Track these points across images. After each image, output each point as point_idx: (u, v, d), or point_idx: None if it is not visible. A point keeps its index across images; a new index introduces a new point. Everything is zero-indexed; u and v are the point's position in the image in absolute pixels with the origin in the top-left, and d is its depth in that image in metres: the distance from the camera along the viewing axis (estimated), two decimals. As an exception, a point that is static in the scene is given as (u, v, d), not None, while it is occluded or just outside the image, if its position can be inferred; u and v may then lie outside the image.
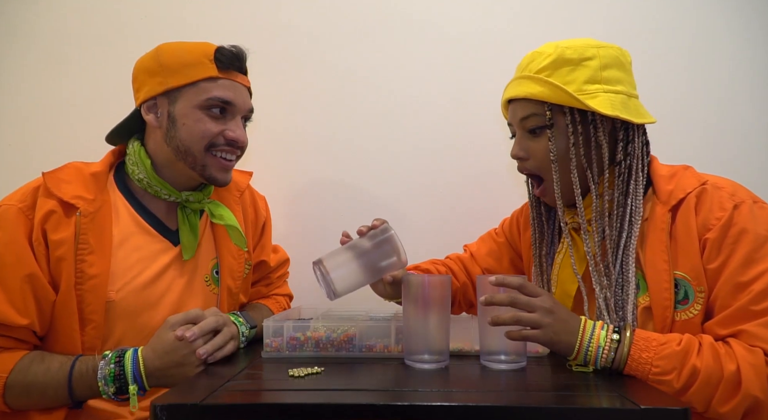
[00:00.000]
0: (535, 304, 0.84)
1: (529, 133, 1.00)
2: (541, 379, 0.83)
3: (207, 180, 1.07)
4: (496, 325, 0.84)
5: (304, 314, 1.22)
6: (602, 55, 0.96)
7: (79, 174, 1.01)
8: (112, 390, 0.90)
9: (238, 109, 1.06)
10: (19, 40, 1.57)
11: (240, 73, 1.08)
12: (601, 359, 0.83)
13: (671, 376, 0.80)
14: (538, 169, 1.01)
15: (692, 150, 1.45)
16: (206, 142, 1.03)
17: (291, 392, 0.76)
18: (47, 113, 1.55)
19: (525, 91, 0.98)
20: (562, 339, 0.83)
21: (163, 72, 1.02)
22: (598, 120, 0.96)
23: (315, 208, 1.54)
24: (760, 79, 1.49)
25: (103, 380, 0.90)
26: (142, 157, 1.05)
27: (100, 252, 0.98)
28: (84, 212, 0.97)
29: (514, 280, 0.85)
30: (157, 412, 0.67)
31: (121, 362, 0.91)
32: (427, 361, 0.88)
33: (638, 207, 0.94)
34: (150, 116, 1.05)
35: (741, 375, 0.79)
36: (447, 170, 1.53)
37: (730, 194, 0.90)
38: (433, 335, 0.89)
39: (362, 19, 1.54)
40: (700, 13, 1.50)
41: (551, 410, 0.68)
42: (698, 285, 0.88)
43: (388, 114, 1.54)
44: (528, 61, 1.00)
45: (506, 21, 1.52)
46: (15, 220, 0.94)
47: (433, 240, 1.51)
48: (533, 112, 0.98)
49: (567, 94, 0.93)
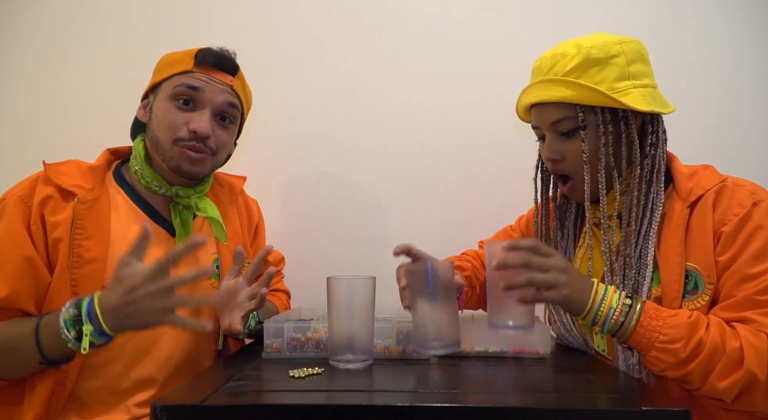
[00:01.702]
0: (549, 264, 0.84)
1: (562, 135, 1.00)
2: (542, 380, 0.83)
3: (176, 172, 1.06)
4: (509, 289, 0.83)
5: (305, 315, 1.22)
6: (626, 50, 0.96)
7: (78, 168, 1.04)
8: (72, 334, 0.84)
9: (207, 101, 1.05)
10: (19, 40, 1.57)
11: (220, 71, 1.07)
12: (611, 321, 0.83)
13: (678, 345, 0.81)
14: (573, 169, 1.01)
15: (692, 150, 1.44)
16: (171, 134, 1.03)
17: (291, 393, 0.76)
18: (47, 113, 1.55)
19: (555, 95, 0.96)
20: (576, 297, 0.84)
21: (155, 72, 1.10)
22: (630, 116, 0.96)
23: (316, 209, 1.54)
24: (760, 79, 1.49)
25: (63, 325, 0.84)
26: (139, 150, 1.09)
27: (97, 238, 0.98)
28: (82, 199, 0.98)
29: (526, 243, 0.85)
30: (158, 413, 0.67)
31: (79, 305, 0.85)
32: (439, 347, 0.87)
33: (660, 198, 0.96)
34: (140, 113, 1.11)
35: (743, 352, 0.80)
36: (447, 170, 1.53)
37: (750, 192, 0.91)
38: (443, 319, 0.89)
39: (362, 19, 1.54)
40: (700, 13, 1.50)
41: (552, 411, 0.68)
42: (708, 276, 0.90)
43: (389, 114, 1.54)
44: (551, 63, 0.98)
45: (507, 21, 1.52)
46: (14, 208, 0.96)
47: (433, 240, 1.50)
48: (565, 115, 0.97)
49: (601, 95, 0.93)
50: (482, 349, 0.97)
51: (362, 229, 1.53)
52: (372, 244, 1.52)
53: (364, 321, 0.91)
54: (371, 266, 1.49)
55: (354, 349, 0.90)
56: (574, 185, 1.02)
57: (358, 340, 0.90)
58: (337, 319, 0.91)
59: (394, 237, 1.52)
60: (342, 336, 0.91)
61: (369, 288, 0.92)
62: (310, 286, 1.47)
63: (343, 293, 0.91)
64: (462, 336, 0.98)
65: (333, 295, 0.91)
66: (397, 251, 0.97)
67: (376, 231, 1.53)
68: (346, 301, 0.91)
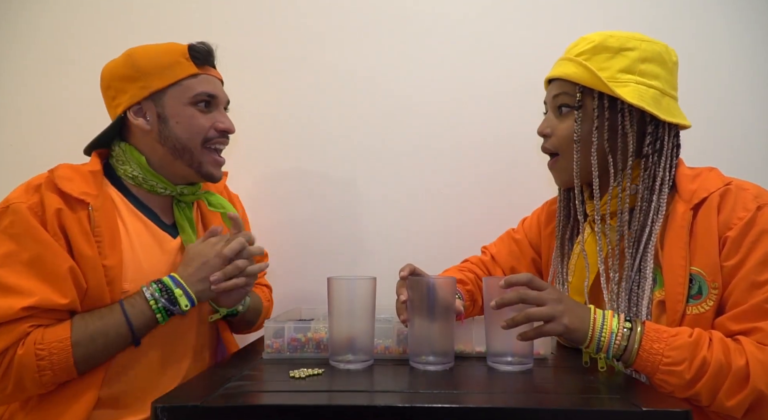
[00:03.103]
0: (544, 297, 0.84)
1: (557, 110, 1.03)
2: (543, 381, 0.83)
3: (203, 177, 1.10)
4: (511, 327, 0.84)
5: (305, 315, 1.22)
6: (644, 48, 0.98)
7: (78, 172, 1.02)
8: (162, 302, 0.97)
9: (221, 101, 1.12)
10: (19, 40, 1.57)
11: (213, 68, 1.13)
12: (614, 346, 0.83)
13: (682, 367, 0.81)
14: (557, 147, 1.03)
15: (693, 150, 1.45)
16: (201, 136, 1.07)
17: (291, 393, 0.76)
18: (47, 113, 1.55)
19: (561, 72, 1.01)
20: (576, 326, 0.83)
21: (142, 77, 1.05)
22: (626, 109, 0.97)
23: (315, 209, 1.54)
24: (760, 79, 1.49)
25: (152, 298, 0.97)
26: (135, 155, 1.07)
27: (111, 244, 0.99)
28: (94, 207, 0.99)
29: (521, 278, 0.86)
30: (158, 413, 0.67)
31: (160, 281, 0.99)
32: (432, 363, 0.88)
33: (662, 204, 0.96)
34: (139, 121, 1.06)
35: (749, 369, 0.80)
36: (448, 171, 1.52)
37: (754, 196, 0.91)
38: (439, 337, 0.89)
39: (362, 19, 1.54)
40: (700, 13, 1.50)
41: (552, 411, 0.68)
42: (713, 281, 0.89)
43: (389, 114, 1.53)
44: (573, 45, 1.03)
45: (507, 22, 1.52)
46: (28, 216, 0.94)
47: (434, 241, 1.51)
48: (565, 91, 1.01)
49: (597, 79, 0.95)
50: (482, 350, 0.96)
51: (363, 230, 1.53)
52: (373, 244, 1.52)
53: (365, 321, 0.91)
54: (371, 267, 1.49)
55: (354, 349, 0.90)
56: (558, 161, 1.04)
57: (358, 340, 0.90)
58: (337, 319, 0.91)
59: (395, 238, 1.52)
60: (342, 336, 0.91)
61: (369, 288, 0.92)
62: (311, 287, 1.47)
63: (343, 293, 0.91)
64: (462, 337, 0.98)
65: (333, 295, 0.91)
66: (403, 275, 0.97)
67: (377, 232, 1.52)
68: (346, 302, 0.91)
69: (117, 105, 1.07)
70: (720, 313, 0.89)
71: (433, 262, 1.25)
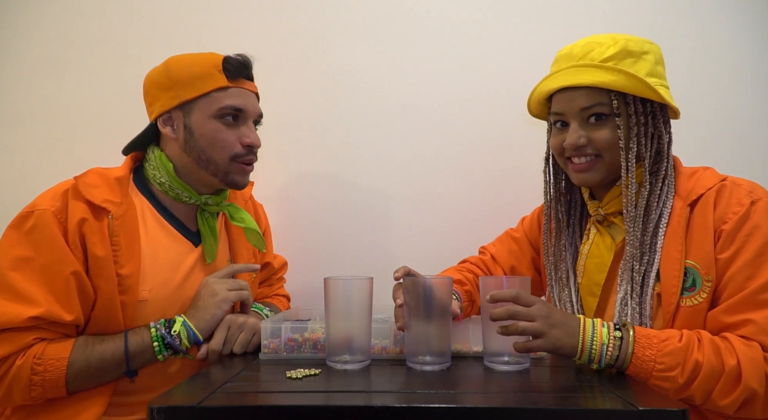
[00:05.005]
0: (533, 313, 0.84)
1: (591, 121, 0.99)
2: (540, 381, 0.83)
3: (228, 185, 1.10)
4: (509, 334, 0.84)
5: (302, 315, 1.22)
6: (654, 50, 0.99)
7: (104, 179, 1.03)
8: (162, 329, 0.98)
9: (249, 115, 1.10)
10: (19, 40, 1.57)
11: (247, 80, 1.11)
12: (606, 357, 0.84)
13: (675, 372, 0.82)
14: (599, 150, 0.99)
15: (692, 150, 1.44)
16: (228, 152, 1.07)
17: (289, 394, 0.76)
18: (47, 113, 1.55)
19: (591, 80, 0.95)
20: (565, 343, 0.84)
21: (174, 86, 1.05)
22: (657, 110, 0.98)
23: (315, 210, 1.54)
24: (760, 79, 1.49)
25: (154, 326, 0.98)
26: (164, 162, 1.08)
27: (129, 253, 0.99)
28: (115, 215, 0.99)
29: (507, 294, 0.86)
30: (155, 414, 0.67)
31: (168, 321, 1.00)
32: (429, 363, 0.88)
33: (668, 199, 0.98)
34: (167, 129, 1.07)
35: (741, 368, 0.82)
36: (448, 172, 1.52)
37: (748, 191, 0.93)
38: (436, 337, 0.89)
39: (362, 20, 1.54)
40: (701, 13, 1.50)
41: (550, 411, 0.68)
42: (706, 274, 0.91)
43: (389, 115, 1.53)
44: (585, 50, 0.98)
45: (507, 22, 1.52)
46: (51, 223, 0.95)
47: (433, 242, 1.51)
48: (599, 100, 0.97)
49: (642, 83, 0.94)
50: (479, 350, 0.96)
51: (361, 231, 1.53)
52: (371, 245, 1.52)
53: (362, 321, 0.91)
54: (370, 267, 1.49)
55: (351, 349, 0.90)
56: (598, 163, 0.99)
57: (355, 340, 0.90)
58: (334, 319, 0.91)
59: (394, 238, 1.52)
60: (339, 337, 0.91)
61: (366, 288, 0.92)
62: (309, 287, 1.47)
63: (340, 294, 0.91)
64: (460, 337, 0.98)
65: (330, 295, 0.91)
66: (397, 276, 0.97)
67: (375, 232, 1.52)
68: (343, 302, 0.91)
69: (151, 112, 1.09)
70: (714, 305, 0.91)
71: (431, 262, 1.25)
